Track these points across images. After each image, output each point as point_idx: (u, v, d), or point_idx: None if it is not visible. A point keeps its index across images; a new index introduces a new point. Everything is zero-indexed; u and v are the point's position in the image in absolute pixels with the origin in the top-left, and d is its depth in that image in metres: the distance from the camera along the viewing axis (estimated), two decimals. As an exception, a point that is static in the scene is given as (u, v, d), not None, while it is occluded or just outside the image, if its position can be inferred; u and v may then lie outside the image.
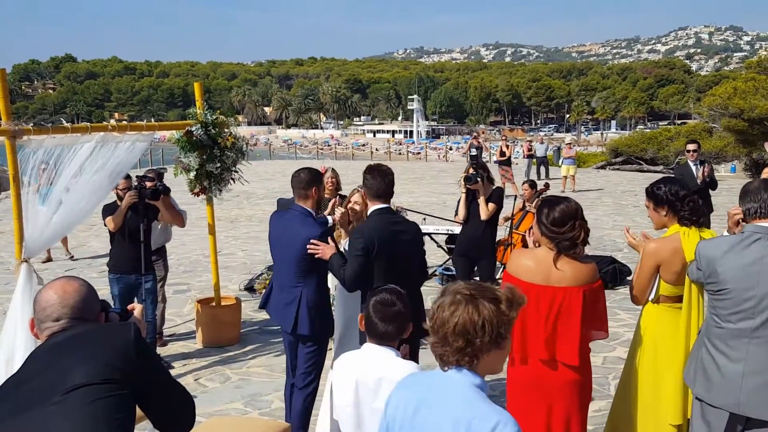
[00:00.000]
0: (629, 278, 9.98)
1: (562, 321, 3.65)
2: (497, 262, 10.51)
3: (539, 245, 3.81)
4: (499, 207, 7.36)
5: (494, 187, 7.37)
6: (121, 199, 6.75)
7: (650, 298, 4.16)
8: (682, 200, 4.07)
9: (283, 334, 5.13)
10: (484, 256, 7.39)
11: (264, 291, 5.23)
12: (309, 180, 4.87)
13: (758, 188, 3.63)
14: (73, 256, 12.40)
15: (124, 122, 6.45)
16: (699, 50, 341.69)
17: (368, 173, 4.54)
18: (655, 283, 4.11)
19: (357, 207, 5.03)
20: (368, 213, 4.58)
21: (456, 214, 8.10)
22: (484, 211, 7.16)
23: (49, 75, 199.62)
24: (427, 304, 8.89)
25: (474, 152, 19.64)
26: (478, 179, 7.16)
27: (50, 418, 2.17)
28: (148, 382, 2.40)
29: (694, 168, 10.07)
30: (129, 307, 2.79)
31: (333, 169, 7.85)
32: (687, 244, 3.95)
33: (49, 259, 12.12)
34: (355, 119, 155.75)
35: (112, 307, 2.73)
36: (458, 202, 7.79)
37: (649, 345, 4.14)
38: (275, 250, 5.00)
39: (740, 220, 3.97)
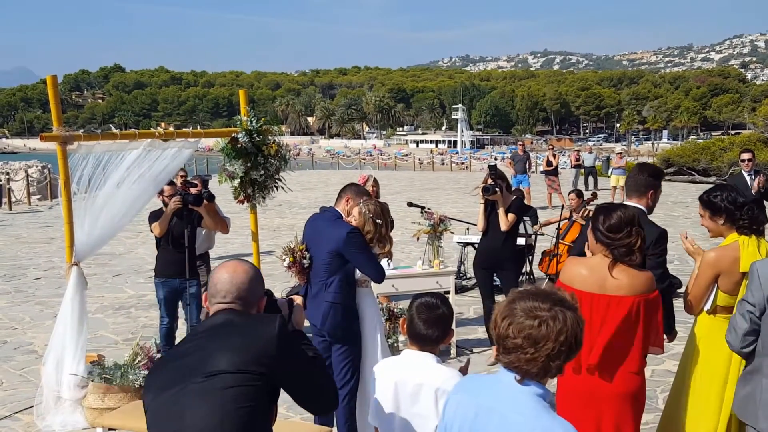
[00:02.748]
0: (680, 290, 9.75)
1: (618, 331, 3.56)
2: (543, 273, 10.42)
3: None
4: (519, 217, 7.28)
5: (513, 198, 7.28)
6: (166, 205, 6.86)
7: (706, 309, 4.05)
8: (741, 208, 3.96)
9: (314, 337, 5.13)
10: (504, 266, 7.29)
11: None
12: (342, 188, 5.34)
13: None
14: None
15: (171, 129, 6.53)
16: (754, 58, 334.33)
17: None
18: (711, 293, 4.00)
19: (353, 221, 4.96)
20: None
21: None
22: (504, 221, 7.05)
23: (98, 85, 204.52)
24: (469, 314, 8.91)
25: (494, 163, 19.66)
26: (497, 189, 7.06)
27: (189, 396, 2.44)
28: (286, 374, 2.58)
29: (748, 178, 9.83)
30: (290, 297, 3.11)
31: (374, 178, 7.93)
32: (745, 254, 3.84)
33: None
34: (398, 129, 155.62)
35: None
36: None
37: (703, 356, 4.03)
38: (311, 249, 5.09)
39: None
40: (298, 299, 3.10)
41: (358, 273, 4.95)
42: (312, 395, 2.72)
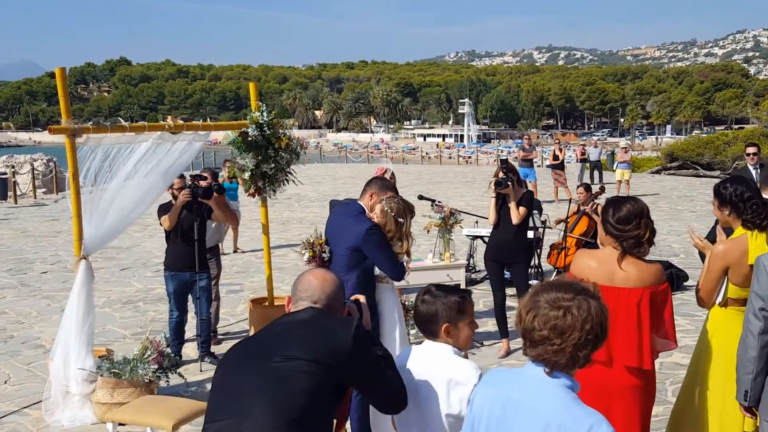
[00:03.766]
0: (686, 283, 9.76)
1: (628, 323, 3.56)
2: (551, 266, 10.39)
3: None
4: (530, 210, 7.28)
5: (524, 191, 7.27)
6: (175, 198, 6.83)
7: (717, 302, 4.05)
8: (746, 202, 3.95)
9: None
10: (516, 260, 7.30)
11: None
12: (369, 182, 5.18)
13: None
14: (242, 250, 12.99)
15: (181, 122, 6.49)
16: (757, 54, 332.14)
17: None
18: (722, 286, 4.00)
19: (375, 219, 4.92)
20: None
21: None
22: (515, 215, 7.05)
23: (104, 78, 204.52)
24: (479, 306, 8.88)
25: (504, 157, 19.73)
26: (509, 183, 7.06)
27: (265, 373, 2.69)
28: (356, 371, 2.79)
29: (753, 172, 9.75)
30: (353, 297, 3.30)
31: (392, 171, 7.93)
32: (753, 247, 3.83)
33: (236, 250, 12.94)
34: (405, 123, 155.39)
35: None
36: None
37: (717, 350, 4.02)
38: (332, 243, 5.07)
39: None
40: (362, 299, 3.30)
41: (377, 269, 4.93)
42: (379, 393, 2.93)
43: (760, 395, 3.47)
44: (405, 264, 4.97)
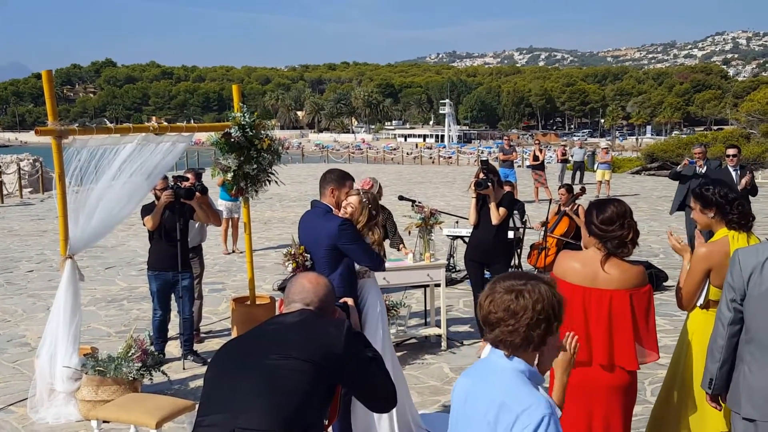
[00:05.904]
0: (666, 283, 9.88)
1: (610, 324, 3.60)
2: (531, 266, 10.52)
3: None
4: (510, 211, 7.38)
5: (505, 192, 7.37)
6: (158, 198, 6.89)
7: (698, 304, 4.08)
8: (731, 203, 3.98)
9: None
10: (495, 260, 7.38)
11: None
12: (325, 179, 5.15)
13: None
14: (237, 251, 12.81)
15: (165, 124, 6.55)
16: (736, 55, 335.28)
17: None
18: (703, 288, 4.03)
19: (349, 209, 4.99)
20: None
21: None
22: (495, 215, 7.15)
23: (89, 79, 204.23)
24: (458, 306, 8.99)
25: (485, 158, 19.81)
26: (489, 184, 7.15)
27: (261, 370, 2.74)
28: (348, 372, 2.86)
29: (734, 173, 9.90)
30: (342, 300, 3.37)
31: (380, 184, 7.91)
32: (735, 248, 3.81)
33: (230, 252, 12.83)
34: (386, 123, 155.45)
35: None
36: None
37: (697, 350, 4.03)
38: (309, 248, 5.13)
39: None
40: (350, 301, 3.39)
41: (357, 265, 5.01)
42: (370, 393, 3.00)
43: (725, 384, 3.53)
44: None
